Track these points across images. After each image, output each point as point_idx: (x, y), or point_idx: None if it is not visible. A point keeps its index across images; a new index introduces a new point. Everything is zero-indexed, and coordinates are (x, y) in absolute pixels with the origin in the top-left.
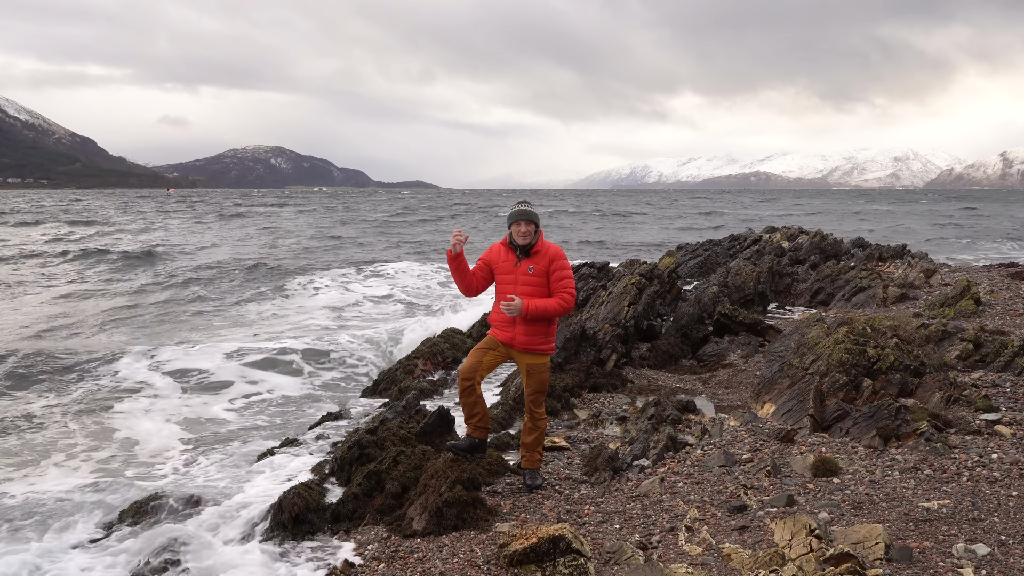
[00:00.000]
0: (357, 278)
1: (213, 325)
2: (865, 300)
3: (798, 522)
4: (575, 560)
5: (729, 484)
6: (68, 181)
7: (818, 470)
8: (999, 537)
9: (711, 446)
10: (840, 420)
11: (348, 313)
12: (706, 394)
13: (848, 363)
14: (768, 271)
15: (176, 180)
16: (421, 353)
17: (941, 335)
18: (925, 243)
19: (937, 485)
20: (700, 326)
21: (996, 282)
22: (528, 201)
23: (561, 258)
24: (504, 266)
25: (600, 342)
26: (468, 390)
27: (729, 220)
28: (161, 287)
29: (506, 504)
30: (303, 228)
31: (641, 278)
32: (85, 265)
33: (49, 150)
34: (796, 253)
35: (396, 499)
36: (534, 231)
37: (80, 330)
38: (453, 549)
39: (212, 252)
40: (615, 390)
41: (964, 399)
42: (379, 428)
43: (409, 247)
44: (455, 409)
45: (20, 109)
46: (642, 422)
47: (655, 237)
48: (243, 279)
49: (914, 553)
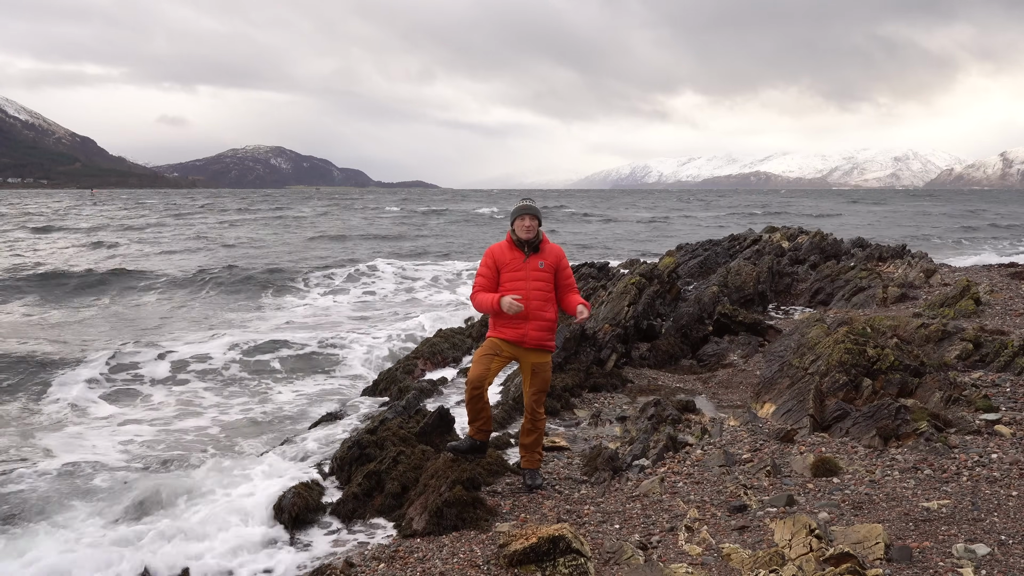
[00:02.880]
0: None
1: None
2: (865, 300)
3: (798, 522)
4: (575, 560)
5: (729, 484)
6: (68, 181)
7: (818, 470)
8: (999, 537)
9: (711, 446)
10: (840, 420)
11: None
12: (706, 394)
13: (848, 363)
14: (768, 271)
15: (176, 180)
16: (421, 353)
17: (941, 335)
18: (926, 243)
19: (937, 485)
20: (700, 326)
21: (996, 282)
22: (531, 198)
23: (565, 257)
24: (513, 263)
25: (600, 342)
26: (477, 398)
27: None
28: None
29: (506, 504)
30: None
31: (641, 278)
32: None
33: (49, 150)
34: (796, 253)
35: (396, 499)
36: (538, 226)
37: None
38: (453, 549)
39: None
40: (615, 390)
41: (964, 399)
42: (379, 428)
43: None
44: (455, 409)
45: (20, 109)
46: (642, 422)
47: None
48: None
49: (914, 553)
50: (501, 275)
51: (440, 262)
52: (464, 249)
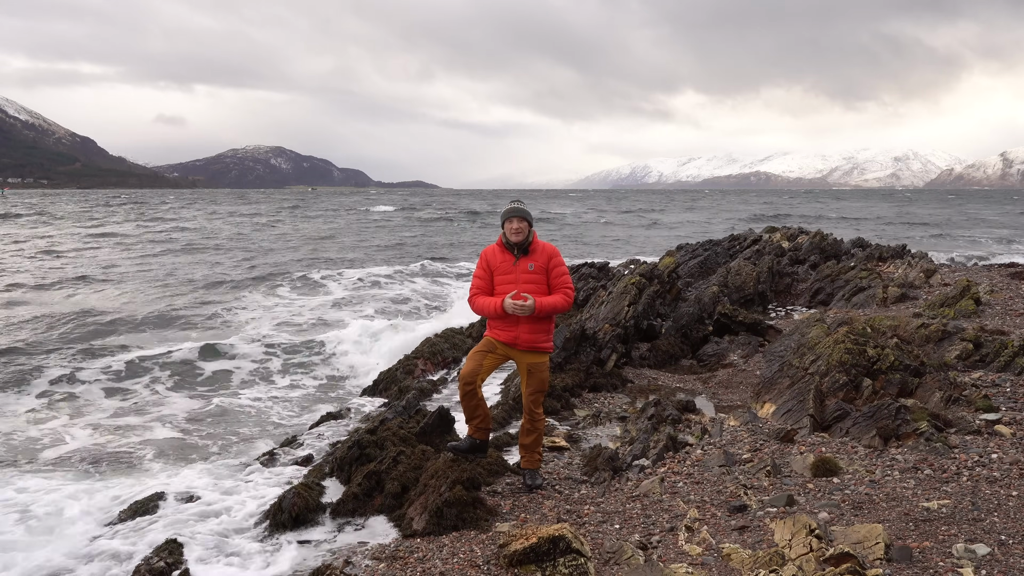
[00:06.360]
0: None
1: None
2: (865, 300)
3: (798, 522)
4: (575, 560)
5: (729, 484)
6: (68, 181)
7: (818, 470)
8: (999, 537)
9: (711, 446)
10: (840, 420)
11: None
12: (706, 394)
13: (848, 363)
14: (768, 271)
15: (176, 180)
16: (421, 353)
17: (941, 335)
18: (924, 243)
19: (937, 485)
20: (700, 326)
21: (996, 282)
22: (521, 200)
23: (558, 255)
24: (503, 266)
25: (600, 342)
26: (470, 394)
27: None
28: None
29: (506, 504)
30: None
31: (641, 278)
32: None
33: (49, 150)
34: (796, 253)
35: (396, 499)
36: (527, 228)
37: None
38: (453, 549)
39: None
40: (615, 390)
41: (964, 399)
42: (379, 428)
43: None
44: (455, 409)
45: (20, 109)
46: (642, 422)
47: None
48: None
49: (914, 553)
50: (494, 278)
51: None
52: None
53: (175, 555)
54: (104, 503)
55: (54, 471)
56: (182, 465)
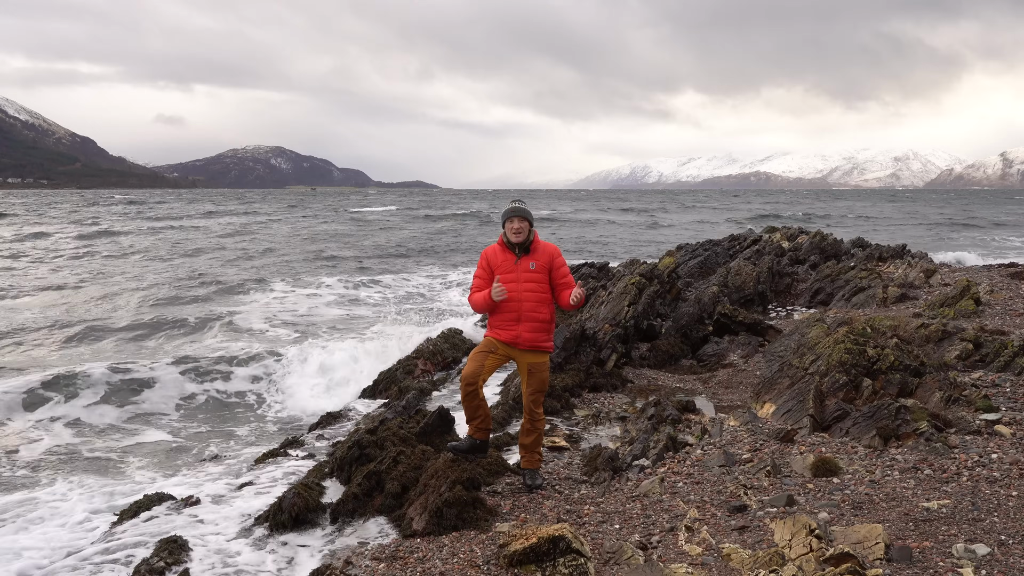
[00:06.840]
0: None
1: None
2: (865, 300)
3: (798, 522)
4: (575, 560)
5: (729, 484)
6: (68, 181)
7: (818, 470)
8: (999, 537)
9: (711, 446)
10: (840, 420)
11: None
12: (706, 394)
13: (848, 363)
14: (768, 271)
15: (176, 180)
16: (421, 353)
17: (941, 335)
18: (926, 242)
19: (937, 485)
20: (700, 326)
21: (996, 282)
22: (521, 200)
23: (559, 255)
24: (504, 265)
25: (600, 342)
26: (472, 394)
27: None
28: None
29: (506, 504)
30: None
31: (641, 278)
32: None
33: (49, 150)
34: (796, 253)
35: (396, 499)
36: (528, 228)
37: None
38: (453, 549)
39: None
40: (615, 390)
41: (964, 399)
42: (379, 428)
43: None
44: (455, 409)
45: (20, 109)
46: (642, 422)
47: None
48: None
49: (914, 553)
50: (495, 275)
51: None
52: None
53: (175, 555)
54: (104, 504)
55: (54, 473)
56: (181, 465)
